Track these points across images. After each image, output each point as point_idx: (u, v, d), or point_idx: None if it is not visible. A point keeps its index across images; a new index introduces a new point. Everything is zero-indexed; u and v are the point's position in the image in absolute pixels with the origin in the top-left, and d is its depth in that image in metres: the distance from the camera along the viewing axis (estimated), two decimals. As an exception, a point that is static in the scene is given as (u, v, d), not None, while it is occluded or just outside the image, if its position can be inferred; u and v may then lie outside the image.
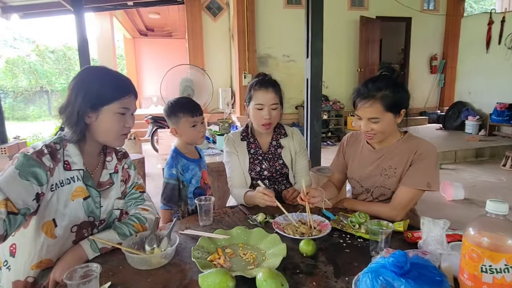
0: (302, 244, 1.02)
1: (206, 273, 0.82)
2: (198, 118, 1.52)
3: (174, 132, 1.53)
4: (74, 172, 1.02)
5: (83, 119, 1.00)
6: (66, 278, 0.74)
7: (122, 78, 1.07)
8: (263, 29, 7.00)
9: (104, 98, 1.01)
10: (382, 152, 1.42)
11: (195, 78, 2.72)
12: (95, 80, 1.01)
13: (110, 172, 1.15)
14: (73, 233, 1.03)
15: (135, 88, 1.10)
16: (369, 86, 1.31)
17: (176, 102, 1.55)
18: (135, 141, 5.22)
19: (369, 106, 1.30)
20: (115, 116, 1.03)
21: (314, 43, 3.13)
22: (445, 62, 8.20)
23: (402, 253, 0.72)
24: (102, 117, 1.02)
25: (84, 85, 1.00)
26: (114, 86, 1.03)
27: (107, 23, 8.26)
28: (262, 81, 1.56)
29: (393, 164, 1.38)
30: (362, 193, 1.50)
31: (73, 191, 1.01)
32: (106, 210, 1.11)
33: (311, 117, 3.33)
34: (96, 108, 1.01)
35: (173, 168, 1.48)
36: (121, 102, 1.03)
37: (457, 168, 4.98)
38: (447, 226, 0.88)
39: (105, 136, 1.06)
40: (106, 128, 1.04)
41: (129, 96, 1.06)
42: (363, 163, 1.48)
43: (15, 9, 6.46)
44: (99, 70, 1.06)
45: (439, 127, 7.57)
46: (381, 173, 1.41)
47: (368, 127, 1.33)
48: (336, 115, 7.09)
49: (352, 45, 7.47)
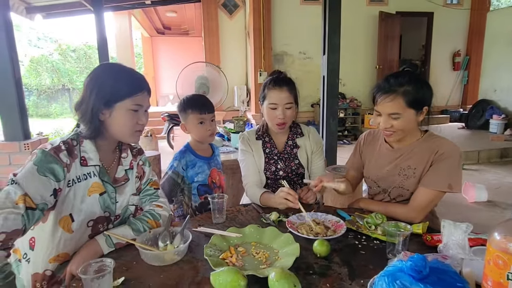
0: (316, 245, 1.00)
1: (218, 271, 0.81)
2: (207, 116, 1.52)
3: (183, 128, 1.55)
4: (91, 168, 1.04)
5: (97, 115, 1.02)
6: (81, 272, 0.75)
7: (135, 75, 1.07)
8: (279, 26, 6.94)
9: (117, 94, 1.01)
10: (400, 152, 1.37)
11: (210, 76, 2.73)
12: (109, 77, 1.02)
13: (125, 168, 1.16)
14: (89, 227, 1.05)
15: (148, 85, 1.10)
16: (391, 81, 1.26)
17: (188, 99, 1.56)
18: (151, 138, 5.30)
19: (390, 101, 1.24)
20: (128, 113, 1.04)
21: (331, 39, 3.06)
22: (469, 58, 7.91)
23: (421, 257, 0.69)
24: (115, 113, 1.03)
25: (97, 82, 1.01)
26: (127, 83, 1.03)
27: (125, 22, 8.42)
28: (276, 80, 1.53)
29: (412, 164, 1.32)
30: (379, 193, 1.45)
31: (90, 186, 1.03)
32: (122, 205, 1.13)
33: (327, 115, 3.28)
34: (110, 104, 1.02)
35: (176, 160, 1.50)
36: (133, 99, 1.03)
37: (480, 169, 4.80)
38: (470, 230, 0.84)
39: (119, 132, 1.06)
40: (119, 124, 1.04)
41: (142, 93, 1.06)
42: (380, 162, 1.43)
43: (38, 9, 6.67)
44: (113, 67, 1.07)
45: (462, 126, 7.31)
46: (399, 173, 1.35)
47: (388, 124, 1.27)
48: (353, 113, 6.98)
49: (371, 41, 7.31)
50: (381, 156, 1.44)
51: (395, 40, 7.30)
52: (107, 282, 0.76)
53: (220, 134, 3.44)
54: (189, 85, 2.70)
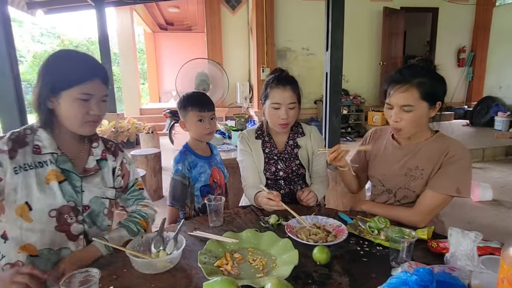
0: (316, 252, 0.96)
1: (211, 282, 0.77)
2: (206, 114, 1.47)
3: (182, 125, 1.52)
4: (46, 156, 1.00)
5: (45, 103, 0.98)
6: (64, 284, 0.71)
7: (85, 62, 1.01)
8: (282, 22, 6.85)
9: (63, 82, 0.96)
10: (408, 150, 1.31)
11: (210, 72, 2.68)
12: (57, 63, 0.98)
13: (96, 158, 1.12)
14: (53, 218, 1.00)
15: (104, 73, 1.03)
16: (405, 72, 1.20)
17: (187, 96, 1.52)
18: (152, 135, 5.27)
19: (404, 91, 1.18)
20: (76, 102, 0.98)
21: (334, 35, 3.00)
22: (474, 54, 7.78)
23: (428, 271, 0.64)
24: (62, 102, 0.98)
25: (45, 69, 0.98)
26: (75, 70, 0.97)
27: (127, 18, 8.34)
28: (279, 78, 1.47)
29: (420, 165, 1.26)
30: (383, 193, 1.40)
31: (46, 174, 0.99)
32: (90, 196, 1.08)
33: (330, 112, 3.22)
34: (56, 92, 0.97)
35: (180, 163, 1.45)
36: (81, 87, 0.97)
37: (485, 167, 4.72)
38: (479, 240, 0.79)
39: (67, 122, 1.01)
40: (67, 114, 0.99)
41: (93, 81, 0.99)
42: (386, 160, 1.37)
43: (39, 4, 6.63)
44: (65, 54, 1.01)
45: (466, 123, 7.21)
46: (406, 173, 1.29)
47: (399, 117, 1.20)
48: (357, 110, 6.89)
49: (375, 37, 7.21)
50: (387, 153, 1.38)
51: (399, 36, 7.19)
52: (93, 293, 0.72)
53: (220, 131, 3.39)
54: (189, 81, 2.65)
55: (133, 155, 3.52)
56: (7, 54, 2.77)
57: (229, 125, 3.60)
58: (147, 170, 3.38)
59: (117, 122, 6.20)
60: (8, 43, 2.78)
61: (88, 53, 1.07)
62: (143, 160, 3.49)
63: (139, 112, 8.48)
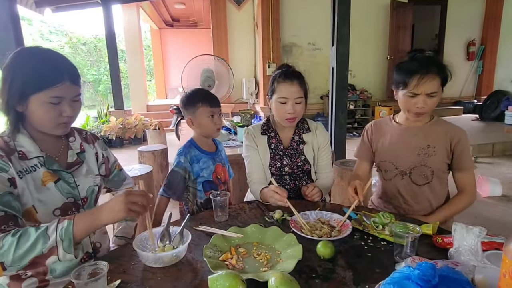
0: (320, 246, 0.96)
1: (216, 276, 0.79)
2: (216, 109, 1.48)
3: (190, 122, 1.49)
4: (34, 160, 0.98)
5: (14, 108, 0.93)
6: (73, 276, 0.73)
7: (53, 64, 0.94)
8: (288, 17, 6.81)
9: (30, 87, 0.91)
10: (415, 131, 1.44)
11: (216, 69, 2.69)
12: (21, 66, 0.92)
13: (76, 151, 1.12)
14: (58, 216, 1.01)
15: (73, 72, 0.97)
16: (425, 62, 1.31)
17: (195, 92, 1.52)
18: (159, 131, 5.31)
19: (431, 81, 1.29)
20: (45, 106, 0.93)
21: (341, 30, 2.98)
22: (484, 47, 7.63)
23: (430, 265, 0.65)
24: (31, 106, 0.93)
25: (10, 72, 0.92)
26: (41, 74, 0.91)
27: (134, 15, 8.37)
28: (286, 73, 1.48)
29: (431, 143, 1.41)
30: (396, 176, 1.47)
31: (42, 176, 0.99)
32: (85, 187, 1.09)
33: (336, 107, 3.21)
34: (23, 97, 0.92)
35: (182, 156, 1.45)
36: (50, 91, 0.92)
37: (495, 162, 4.66)
38: (483, 235, 0.78)
39: (39, 125, 0.98)
40: (38, 118, 0.95)
41: (62, 84, 0.93)
42: (396, 143, 1.47)
43: (47, 2, 6.69)
44: (30, 54, 0.95)
45: (475, 117, 7.10)
46: (419, 152, 1.41)
47: (425, 103, 1.33)
48: (363, 105, 6.84)
49: (382, 31, 7.11)
50: (395, 138, 1.48)
51: (407, 30, 7.09)
52: (101, 286, 0.74)
53: (226, 127, 3.40)
54: (195, 78, 2.66)
55: (140, 151, 3.56)
56: (17, 52, 2.81)
57: (235, 121, 3.60)
58: (154, 166, 3.41)
59: (124, 119, 6.27)
60: (18, 41, 2.82)
61: (96, 50, 1.04)
62: (150, 156, 3.51)
63: (145, 108, 8.55)
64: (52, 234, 0.82)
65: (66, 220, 0.85)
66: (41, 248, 0.80)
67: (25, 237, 0.81)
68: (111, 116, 6.32)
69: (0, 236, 0.81)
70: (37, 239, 0.81)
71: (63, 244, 0.82)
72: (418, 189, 1.44)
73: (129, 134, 6.17)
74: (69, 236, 0.82)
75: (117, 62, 6.75)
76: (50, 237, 0.82)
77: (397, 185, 1.48)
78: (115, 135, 6.02)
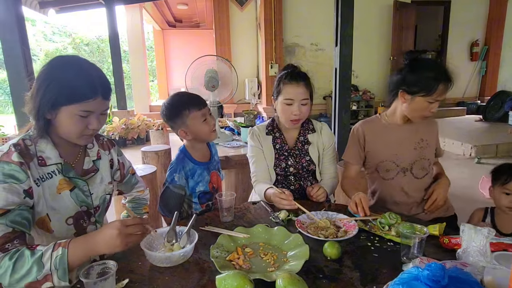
0: (327, 247, 0.96)
1: (223, 275, 0.79)
2: (206, 110, 1.38)
3: (183, 134, 1.37)
4: (52, 167, 0.98)
5: (43, 115, 0.94)
6: (82, 275, 0.73)
7: (88, 78, 0.94)
8: (291, 17, 6.81)
9: (62, 99, 0.91)
10: (408, 128, 1.49)
11: (219, 69, 2.69)
12: (58, 77, 0.92)
13: (93, 159, 1.12)
14: (71, 225, 1.02)
15: (106, 89, 0.97)
16: (445, 69, 1.36)
17: (176, 100, 1.38)
18: (162, 132, 5.32)
19: (450, 88, 1.36)
20: (74, 118, 0.94)
21: (344, 31, 2.97)
22: (488, 48, 7.60)
23: (440, 266, 0.64)
24: (60, 116, 0.93)
25: (45, 81, 0.92)
26: (76, 88, 0.92)
27: (137, 16, 8.40)
28: (292, 74, 1.47)
29: (423, 137, 1.48)
30: (398, 174, 1.49)
31: (57, 184, 0.99)
32: (98, 196, 1.10)
33: (339, 108, 3.20)
34: (54, 107, 0.92)
35: (176, 173, 1.35)
36: (82, 105, 0.92)
37: (498, 163, 4.55)
38: (492, 236, 0.78)
39: (65, 134, 0.98)
40: (65, 127, 0.96)
41: (94, 100, 0.93)
42: (393, 142, 1.49)
43: (51, 3, 6.73)
44: (67, 65, 0.95)
45: (479, 118, 7.06)
46: (415, 147, 1.47)
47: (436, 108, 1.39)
48: (366, 105, 6.84)
49: (385, 32, 7.10)
50: (390, 136, 1.50)
51: (410, 30, 7.07)
52: (110, 285, 0.75)
53: (230, 128, 3.41)
54: (198, 78, 2.67)
55: (143, 152, 3.57)
56: (22, 53, 2.84)
57: (238, 122, 3.60)
58: (158, 166, 3.42)
59: (127, 119, 6.28)
60: (22, 42, 2.84)
61: (99, 50, 1.05)
62: (153, 156, 3.52)
63: (148, 109, 8.57)
64: (46, 262, 0.82)
65: (61, 247, 0.84)
66: (35, 276, 0.81)
67: (20, 262, 0.81)
68: (114, 116, 6.33)
69: (0, 256, 0.82)
70: (31, 266, 0.81)
71: (57, 273, 0.82)
72: (419, 182, 1.49)
73: (132, 134, 6.19)
74: (64, 266, 0.82)
75: (120, 62, 6.76)
76: (45, 265, 0.81)
77: (400, 183, 1.49)
78: (118, 135, 6.03)
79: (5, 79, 13.18)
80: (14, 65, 2.85)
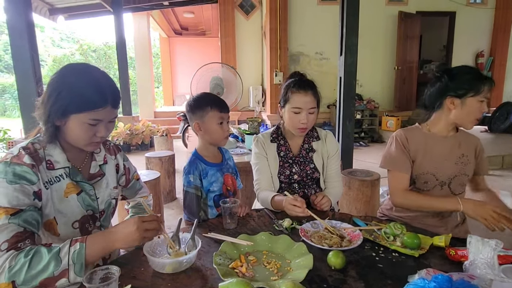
0: (331, 256, 0.95)
1: (226, 283, 0.78)
2: (225, 115, 1.41)
3: (197, 127, 1.40)
4: (60, 171, 0.99)
5: (53, 121, 0.95)
6: (86, 280, 0.73)
7: (99, 87, 0.95)
8: (296, 26, 6.87)
9: (73, 107, 0.92)
10: (451, 141, 1.45)
11: (225, 77, 2.71)
12: (69, 85, 0.93)
13: (99, 163, 1.13)
14: (77, 229, 1.02)
15: (115, 98, 0.99)
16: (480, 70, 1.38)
17: (204, 96, 1.44)
18: (166, 138, 5.35)
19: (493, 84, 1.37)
20: (83, 126, 0.95)
21: (349, 40, 2.99)
22: (493, 59, 7.59)
23: (446, 278, 0.63)
24: (69, 123, 0.95)
25: (57, 89, 0.93)
26: (86, 96, 0.93)
27: (144, 23, 8.52)
28: (300, 83, 1.46)
29: (464, 152, 1.44)
30: (435, 187, 1.43)
31: (65, 188, 1.00)
32: (103, 200, 1.11)
33: (344, 116, 3.20)
34: (65, 114, 0.93)
35: (190, 174, 1.37)
36: (91, 113, 0.94)
37: (504, 174, 4.59)
38: (500, 248, 0.77)
39: (73, 141, 0.99)
40: (74, 134, 0.97)
41: (104, 109, 0.95)
42: (435, 154, 1.43)
43: (61, 10, 6.86)
44: (78, 73, 0.96)
45: (484, 129, 7.01)
46: (456, 162, 1.43)
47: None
48: (370, 114, 6.82)
49: (389, 42, 7.13)
50: (432, 148, 1.44)
51: (414, 41, 7.09)
52: (112, 291, 0.74)
53: (234, 135, 3.41)
54: (204, 85, 2.69)
55: (147, 157, 3.58)
56: (31, 58, 2.88)
57: (242, 129, 3.61)
58: (161, 172, 3.43)
59: (132, 125, 6.32)
60: (32, 48, 2.89)
61: (106, 57, 1.06)
62: (157, 162, 3.54)
63: (153, 115, 8.63)
64: (64, 257, 0.82)
65: (79, 242, 0.85)
66: (52, 271, 0.81)
67: (37, 258, 0.82)
68: (119, 122, 6.38)
69: (14, 254, 0.82)
70: (49, 262, 0.81)
71: (74, 268, 0.82)
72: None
73: (137, 140, 6.22)
74: (81, 261, 0.83)
75: (126, 69, 6.84)
76: (62, 260, 0.82)
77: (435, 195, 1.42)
78: (123, 141, 6.07)
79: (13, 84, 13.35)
80: (22, 70, 2.89)
